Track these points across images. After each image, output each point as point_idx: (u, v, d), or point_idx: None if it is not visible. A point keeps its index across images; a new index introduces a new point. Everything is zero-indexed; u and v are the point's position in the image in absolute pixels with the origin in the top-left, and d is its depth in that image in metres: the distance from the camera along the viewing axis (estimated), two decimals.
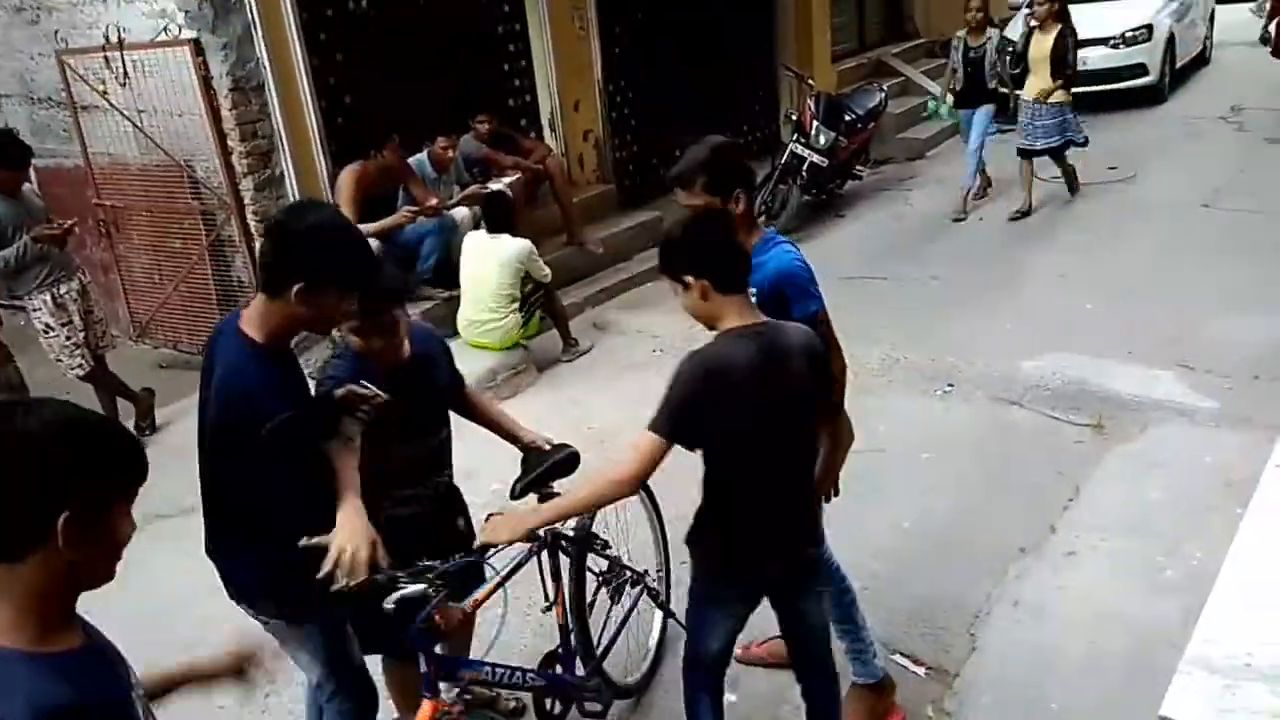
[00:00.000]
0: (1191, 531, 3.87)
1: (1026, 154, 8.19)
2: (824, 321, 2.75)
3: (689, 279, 2.43)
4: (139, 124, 6.46)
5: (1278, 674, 2.35)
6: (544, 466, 2.93)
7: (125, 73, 6.36)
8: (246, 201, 6.30)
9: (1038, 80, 7.86)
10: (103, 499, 1.38)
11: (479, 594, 2.70)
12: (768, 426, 2.44)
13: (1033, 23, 7.96)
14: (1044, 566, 3.88)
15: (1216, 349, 5.40)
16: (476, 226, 6.41)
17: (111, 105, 6.49)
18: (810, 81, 9.39)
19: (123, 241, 7.06)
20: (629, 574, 3.31)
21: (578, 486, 2.54)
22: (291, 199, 6.37)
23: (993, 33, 8.33)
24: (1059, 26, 7.73)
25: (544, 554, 2.93)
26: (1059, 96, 7.91)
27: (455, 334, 6.18)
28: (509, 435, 3.05)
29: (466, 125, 7.14)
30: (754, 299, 2.66)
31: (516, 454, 3.05)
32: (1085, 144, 8.34)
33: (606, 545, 3.19)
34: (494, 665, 2.80)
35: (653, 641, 3.61)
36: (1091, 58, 11.10)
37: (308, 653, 2.59)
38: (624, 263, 7.63)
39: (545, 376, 6.17)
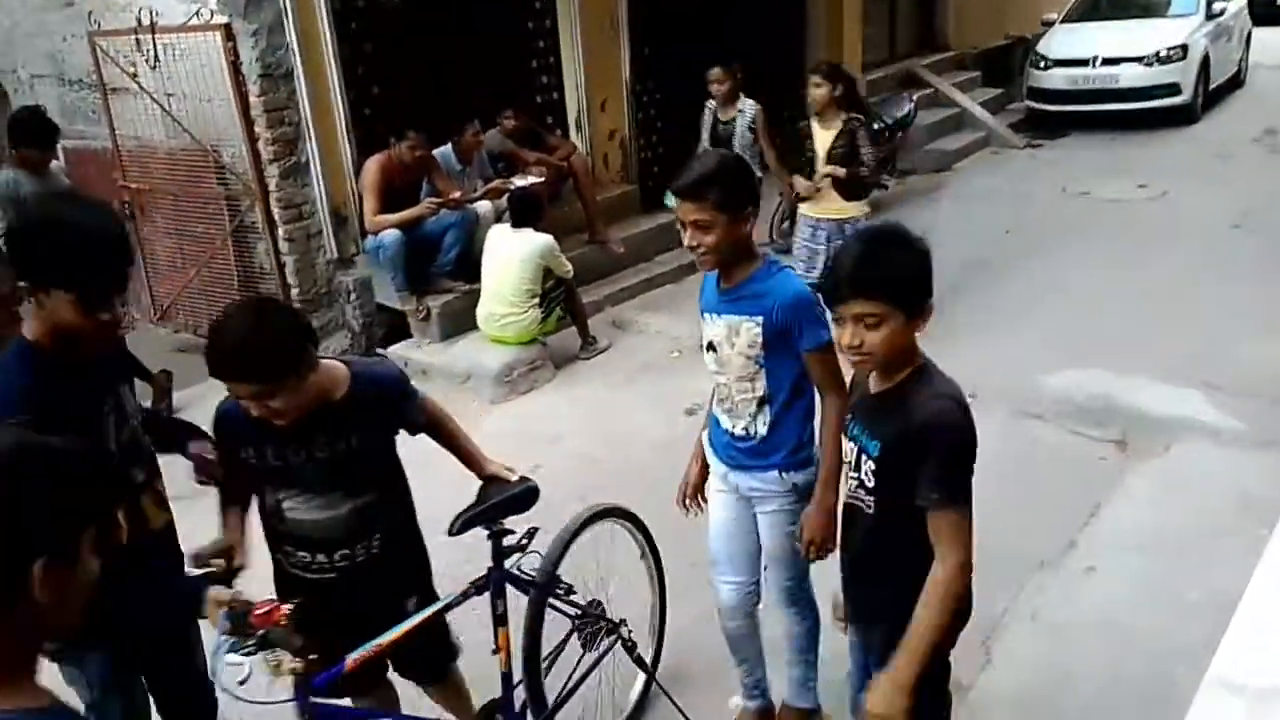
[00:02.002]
0: (1213, 552, 3.80)
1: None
2: (832, 350, 2.58)
3: (928, 304, 2.08)
4: (167, 108, 6.49)
5: None
6: (492, 501, 2.65)
7: (155, 56, 6.39)
8: (271, 188, 6.31)
9: (820, 192, 5.77)
10: (76, 533, 1.24)
11: (361, 652, 2.36)
12: None
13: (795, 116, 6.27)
14: (1063, 582, 3.82)
15: (1243, 370, 5.32)
16: (499, 220, 6.40)
17: (141, 88, 6.53)
18: None
19: (147, 224, 7.09)
20: (603, 623, 3.03)
21: (918, 617, 2.04)
22: (316, 185, 6.39)
23: (748, 104, 6.60)
24: (843, 116, 5.69)
25: (489, 593, 2.66)
26: (845, 210, 5.72)
27: (474, 327, 6.19)
28: (473, 465, 2.75)
29: (493, 120, 7.13)
30: (759, 329, 2.60)
31: (526, 443, 3.00)
32: None
33: (571, 590, 2.92)
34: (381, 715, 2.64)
35: (631, 700, 3.30)
36: (1125, 75, 11.06)
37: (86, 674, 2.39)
38: (645, 263, 7.61)
39: (562, 373, 6.14)
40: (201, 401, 5.97)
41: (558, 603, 2.90)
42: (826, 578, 2.70)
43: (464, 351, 6.18)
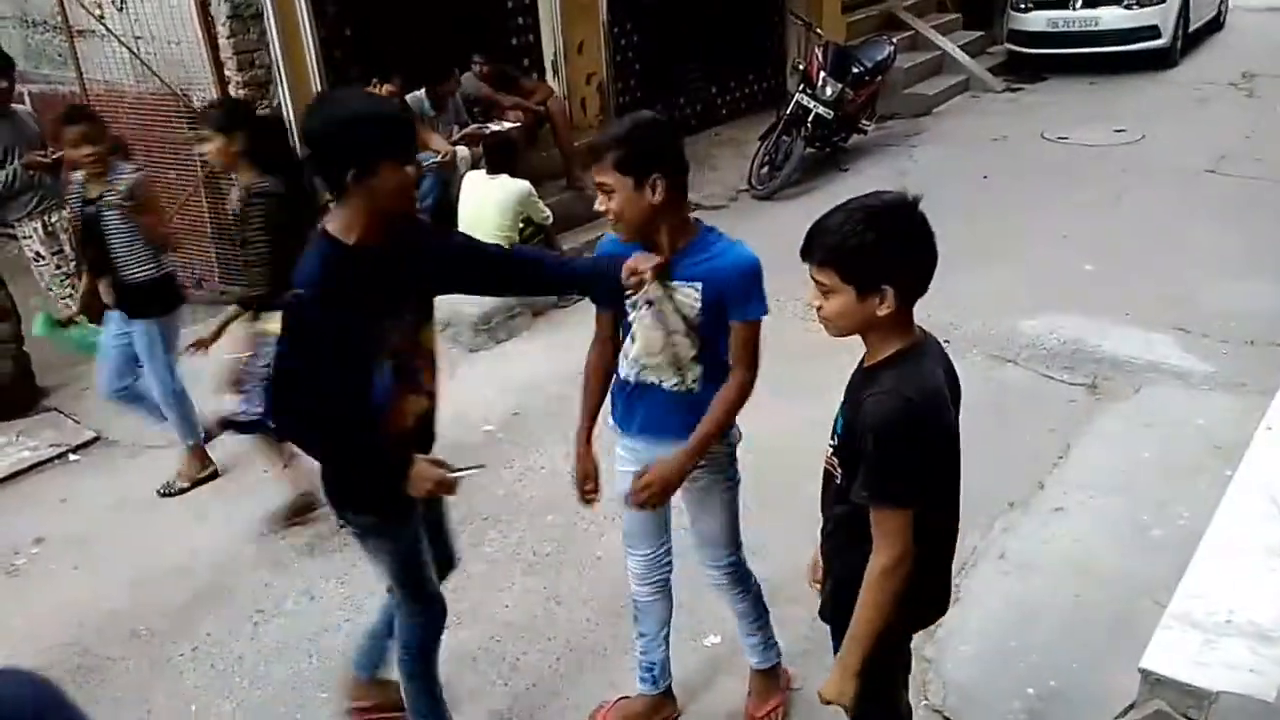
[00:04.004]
0: (1179, 491, 3.89)
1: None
2: (758, 329, 2.49)
3: (887, 289, 1.94)
4: (135, 50, 6.35)
5: (1257, 631, 2.38)
6: None
7: None
8: None
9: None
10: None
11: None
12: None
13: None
14: (1031, 521, 3.91)
15: (1214, 313, 5.39)
16: (476, 166, 6.34)
17: (108, 30, 6.38)
18: (819, 31, 9.27)
19: None
20: None
21: (857, 607, 2.05)
22: (288, 130, 6.30)
23: (127, 170, 4.20)
24: (251, 179, 3.84)
25: None
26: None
27: None
28: None
29: (468, 63, 7.03)
30: (698, 300, 2.46)
31: (507, 390, 2.98)
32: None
33: None
34: None
35: None
36: (1104, 18, 11.00)
37: (386, 557, 2.63)
38: None
39: (540, 321, 6.14)
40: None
41: None
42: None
43: (442, 299, 6.14)
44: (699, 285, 2.45)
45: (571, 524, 4.00)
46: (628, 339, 2.62)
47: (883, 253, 1.94)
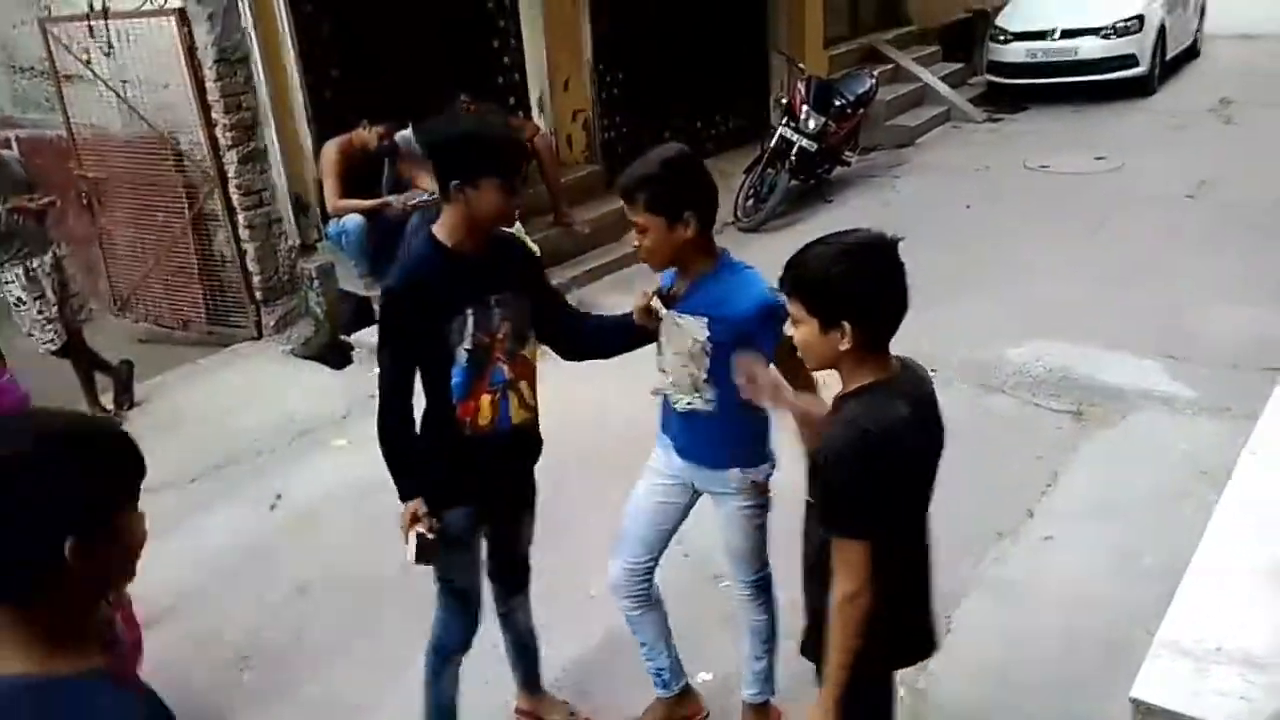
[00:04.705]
0: (1167, 517, 3.90)
1: None
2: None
3: (845, 325, 1.96)
4: (123, 95, 6.39)
5: (1247, 658, 2.38)
6: None
7: (109, 42, 6.29)
8: (230, 175, 6.25)
9: None
10: (104, 510, 1.27)
11: None
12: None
13: None
14: (1021, 551, 3.91)
15: (1198, 339, 5.44)
16: None
17: (95, 75, 6.42)
18: (801, 65, 9.38)
19: (105, 214, 6.98)
20: None
21: (829, 643, 2.07)
22: (275, 171, 6.33)
23: None
24: None
25: None
26: None
27: None
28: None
29: (456, 101, 7.08)
30: (713, 335, 2.51)
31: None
32: None
33: None
34: None
35: None
36: (1083, 48, 11.16)
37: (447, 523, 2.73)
38: (611, 243, 7.58)
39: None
40: (164, 390, 5.95)
41: None
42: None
43: None
44: (705, 319, 2.54)
45: (565, 563, 3.98)
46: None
47: (845, 289, 1.96)
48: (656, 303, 2.60)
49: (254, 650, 3.74)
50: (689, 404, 2.66)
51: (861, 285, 1.97)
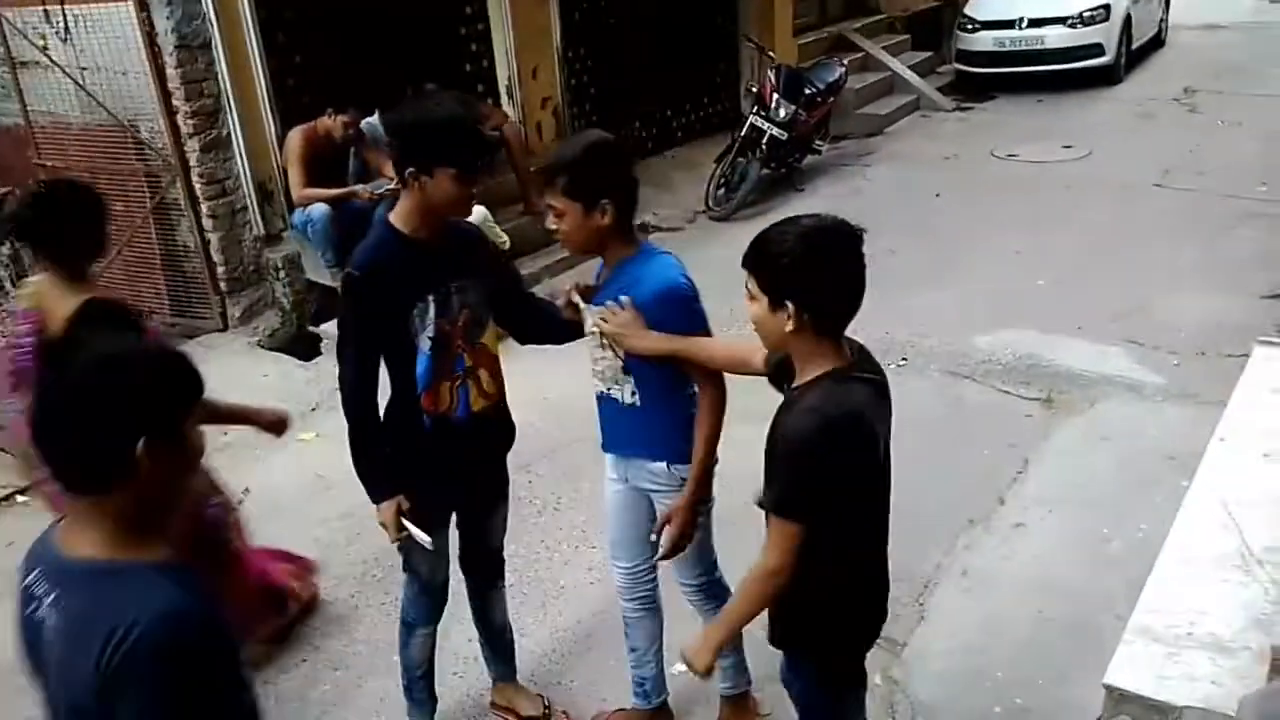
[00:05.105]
0: (1137, 504, 3.93)
1: None
2: None
3: (790, 305, 1.96)
4: (81, 82, 6.25)
5: (1217, 643, 2.39)
6: None
7: (66, 28, 6.13)
8: (192, 163, 6.12)
9: None
10: (171, 417, 1.46)
11: None
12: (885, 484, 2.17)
13: None
14: (992, 538, 3.92)
15: (1165, 325, 5.48)
16: None
17: (52, 61, 6.27)
18: (771, 54, 9.36)
19: None
20: None
21: (733, 596, 2.20)
22: (239, 160, 6.22)
23: None
24: None
25: None
26: None
27: None
28: None
29: (421, 89, 6.99)
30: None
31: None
32: None
33: None
34: None
35: None
36: (1050, 37, 11.21)
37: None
38: None
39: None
40: None
41: None
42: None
43: None
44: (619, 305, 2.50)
45: (535, 555, 3.96)
46: None
47: (792, 270, 1.96)
48: (575, 296, 2.61)
49: None
50: (619, 394, 2.64)
51: (810, 268, 1.96)
